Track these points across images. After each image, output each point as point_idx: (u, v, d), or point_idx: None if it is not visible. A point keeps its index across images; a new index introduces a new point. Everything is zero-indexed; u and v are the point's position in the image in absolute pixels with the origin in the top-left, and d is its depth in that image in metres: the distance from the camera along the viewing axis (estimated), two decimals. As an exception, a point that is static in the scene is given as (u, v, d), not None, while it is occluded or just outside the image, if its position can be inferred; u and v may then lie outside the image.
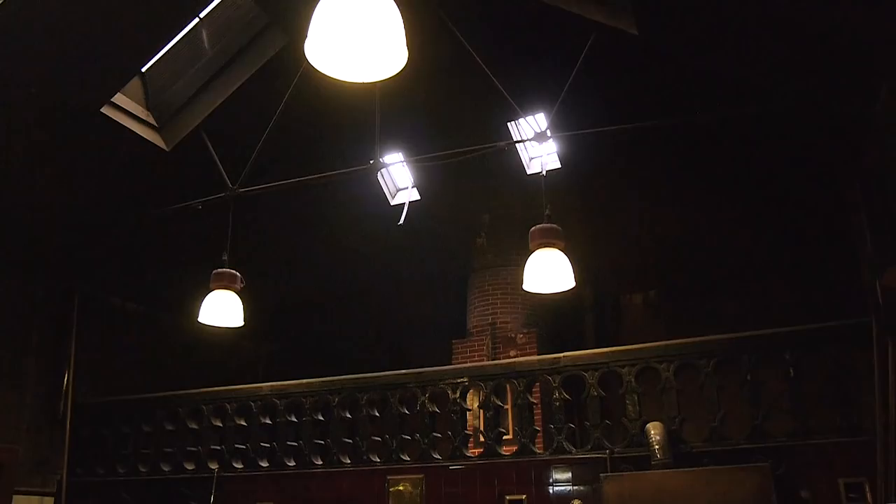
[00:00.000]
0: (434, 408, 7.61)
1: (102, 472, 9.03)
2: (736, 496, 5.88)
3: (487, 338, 10.16)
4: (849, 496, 5.90)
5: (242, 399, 8.54)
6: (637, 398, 6.83)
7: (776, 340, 6.57)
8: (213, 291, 6.19)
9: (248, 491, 8.10)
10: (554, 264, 5.10)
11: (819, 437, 6.17)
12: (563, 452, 6.92)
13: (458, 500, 7.15)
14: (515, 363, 7.73)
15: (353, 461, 7.78)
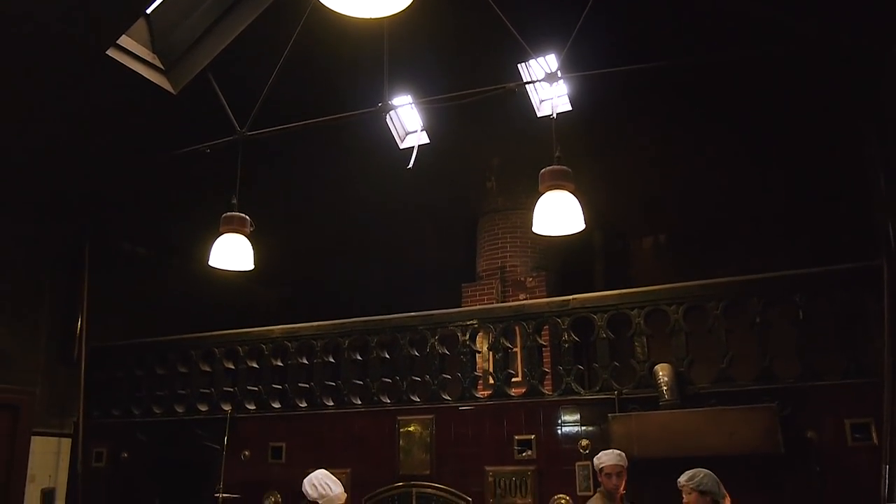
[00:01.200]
0: (444, 350, 7.67)
1: (118, 414, 9.19)
2: (742, 436, 5.94)
3: (497, 281, 10.18)
4: (854, 436, 5.95)
5: (254, 342, 8.63)
6: (646, 340, 6.86)
7: (786, 283, 6.56)
8: (223, 235, 6.19)
9: (260, 431, 8.23)
10: (564, 206, 5.07)
11: (826, 379, 6.20)
12: (572, 393, 6.98)
13: (468, 440, 7.25)
14: (525, 305, 7.76)
15: (364, 402, 7.88)
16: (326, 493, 4.39)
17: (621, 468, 5.46)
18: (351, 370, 8.07)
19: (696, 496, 4.43)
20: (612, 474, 5.44)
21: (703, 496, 4.44)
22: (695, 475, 4.53)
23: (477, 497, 7.04)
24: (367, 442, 7.66)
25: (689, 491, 4.51)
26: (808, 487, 5.97)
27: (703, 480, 4.47)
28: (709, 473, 4.53)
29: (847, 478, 5.90)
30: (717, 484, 4.48)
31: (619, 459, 5.47)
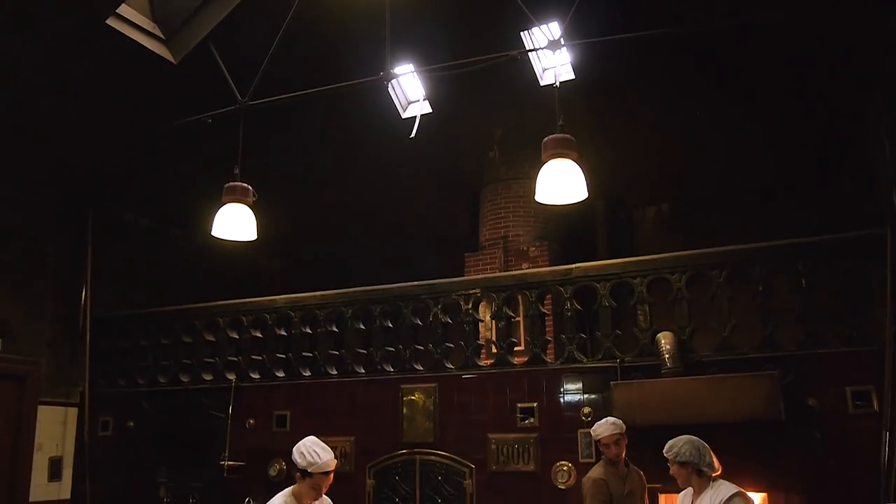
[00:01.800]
0: (447, 319, 7.70)
1: (123, 384, 9.26)
2: (744, 403, 5.97)
3: (500, 251, 10.19)
4: (855, 403, 5.98)
5: (258, 311, 8.67)
6: (648, 308, 6.87)
7: (789, 251, 6.55)
8: (226, 205, 6.18)
9: (265, 400, 8.29)
10: (567, 175, 5.04)
11: (828, 346, 6.21)
12: (574, 362, 7.02)
13: (471, 408, 7.30)
14: (527, 274, 7.77)
15: (368, 371, 7.93)
16: (315, 461, 4.34)
17: (618, 436, 5.48)
18: (354, 339, 8.11)
19: (677, 467, 4.33)
20: (609, 444, 5.48)
21: (683, 467, 4.31)
22: (673, 445, 4.42)
23: (480, 464, 7.11)
24: (370, 410, 7.71)
25: (671, 462, 4.41)
26: (809, 454, 6.01)
27: (682, 451, 4.33)
28: (689, 442, 4.39)
29: (848, 445, 5.93)
30: (698, 453, 4.32)
31: (613, 428, 5.48)
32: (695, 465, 4.22)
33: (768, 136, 9.65)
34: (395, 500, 7.38)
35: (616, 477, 5.50)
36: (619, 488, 5.46)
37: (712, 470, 4.24)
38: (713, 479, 4.25)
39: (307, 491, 4.44)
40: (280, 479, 7.64)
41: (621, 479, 5.48)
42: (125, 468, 8.96)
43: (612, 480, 5.50)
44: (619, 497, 5.44)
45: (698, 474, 4.22)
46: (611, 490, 5.48)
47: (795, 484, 6.03)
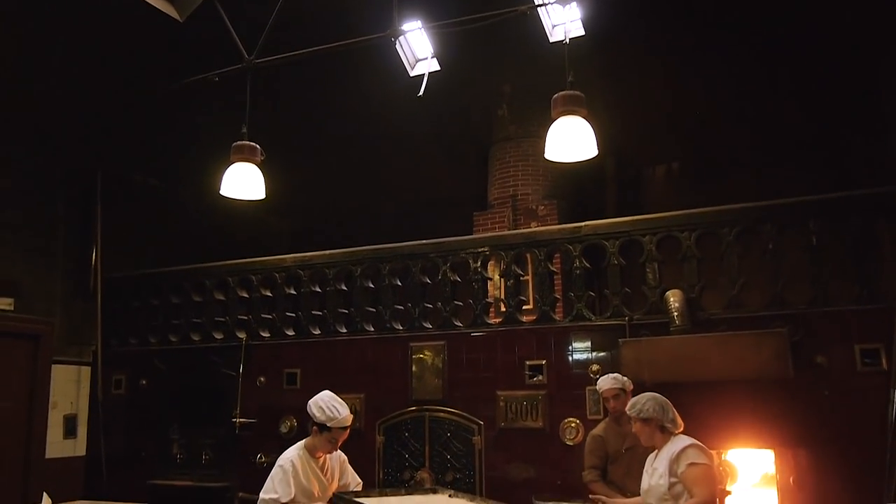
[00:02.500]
0: (455, 277, 7.71)
1: (135, 343, 9.34)
2: (752, 360, 5.98)
3: (508, 210, 10.16)
4: (864, 361, 5.98)
5: (267, 271, 8.70)
6: (657, 266, 6.86)
7: (800, 209, 6.51)
8: (234, 164, 6.17)
9: (275, 358, 8.35)
10: (576, 132, 5.00)
11: (838, 304, 6.20)
12: (583, 320, 7.03)
13: (480, 365, 7.34)
14: (536, 232, 7.75)
15: (377, 329, 7.96)
16: (334, 416, 4.41)
17: (618, 391, 5.56)
18: (363, 298, 8.14)
19: (640, 424, 4.31)
20: (609, 398, 5.60)
21: (647, 423, 4.28)
22: (636, 402, 4.39)
23: (488, 421, 7.16)
24: (380, 368, 7.77)
25: (634, 419, 4.39)
26: (816, 412, 6.04)
27: (645, 407, 4.31)
28: (653, 399, 4.37)
29: (856, 402, 5.95)
30: (661, 409, 4.29)
31: (613, 383, 5.61)
32: (658, 422, 4.23)
33: (780, 93, 9.54)
34: (405, 456, 7.45)
35: (616, 433, 5.57)
36: (618, 444, 5.53)
37: (675, 427, 4.25)
38: (674, 436, 4.27)
39: (322, 444, 4.51)
40: (291, 436, 7.72)
41: (621, 436, 5.53)
42: (138, 425, 9.08)
43: (610, 436, 5.60)
44: (617, 453, 5.52)
45: (661, 430, 4.23)
46: (608, 446, 5.58)
47: (803, 441, 6.06)
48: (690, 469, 3.98)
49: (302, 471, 4.49)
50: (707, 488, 3.96)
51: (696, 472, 3.97)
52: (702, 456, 4.06)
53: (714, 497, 3.99)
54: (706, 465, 4.02)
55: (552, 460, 6.77)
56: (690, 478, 3.96)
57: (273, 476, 4.51)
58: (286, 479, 4.44)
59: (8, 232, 8.51)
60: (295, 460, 4.51)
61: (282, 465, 4.51)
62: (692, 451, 4.05)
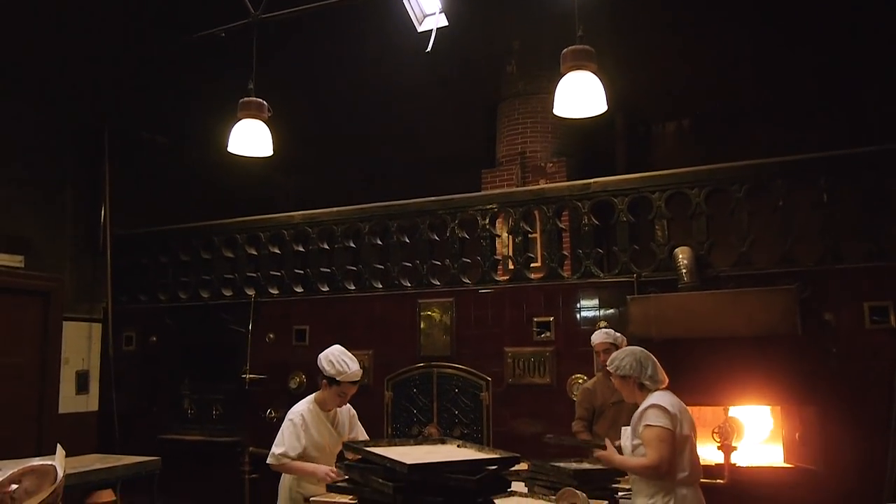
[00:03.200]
0: (463, 234, 7.70)
1: (145, 300, 9.40)
2: (760, 317, 5.98)
3: (517, 167, 10.10)
4: (872, 319, 5.98)
5: (275, 228, 8.71)
6: (666, 223, 6.84)
7: (811, 165, 6.46)
8: (241, 120, 6.13)
9: (284, 315, 8.40)
10: (586, 87, 4.94)
11: (847, 262, 6.19)
12: (591, 277, 7.03)
13: (487, 322, 7.37)
14: (545, 189, 7.72)
15: (385, 286, 7.98)
16: (344, 370, 4.43)
17: (609, 345, 5.58)
18: (371, 255, 8.15)
19: (619, 380, 4.11)
20: (600, 352, 5.66)
21: (625, 380, 4.05)
22: (615, 358, 4.17)
23: (496, 377, 7.21)
24: (388, 324, 7.80)
25: (614, 376, 4.20)
26: (823, 369, 6.05)
27: (622, 364, 4.08)
28: (631, 354, 4.14)
29: (863, 359, 5.97)
30: (640, 365, 4.04)
31: (605, 337, 5.66)
32: (635, 379, 4.01)
33: (792, 49, 9.40)
34: (413, 411, 7.52)
35: (606, 387, 5.58)
36: (607, 397, 5.60)
37: (654, 383, 4.01)
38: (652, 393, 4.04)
39: (332, 398, 4.54)
40: (300, 392, 7.78)
41: (610, 389, 5.50)
42: (149, 381, 9.18)
43: (599, 390, 5.69)
44: (605, 406, 5.61)
45: (640, 388, 4.02)
46: (596, 399, 5.68)
47: (809, 397, 6.09)
48: (646, 430, 3.82)
49: (312, 424, 4.53)
50: (657, 451, 3.76)
51: (650, 434, 3.80)
52: (661, 417, 3.82)
53: (663, 462, 3.74)
54: (661, 428, 3.79)
55: (559, 416, 6.80)
56: (646, 439, 3.81)
57: (283, 430, 4.55)
58: (295, 433, 4.49)
59: (16, 189, 8.52)
60: (305, 413, 4.56)
61: (291, 419, 4.55)
62: (651, 412, 3.85)
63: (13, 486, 3.45)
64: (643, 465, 3.80)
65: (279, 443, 4.51)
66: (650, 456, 3.76)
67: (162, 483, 6.84)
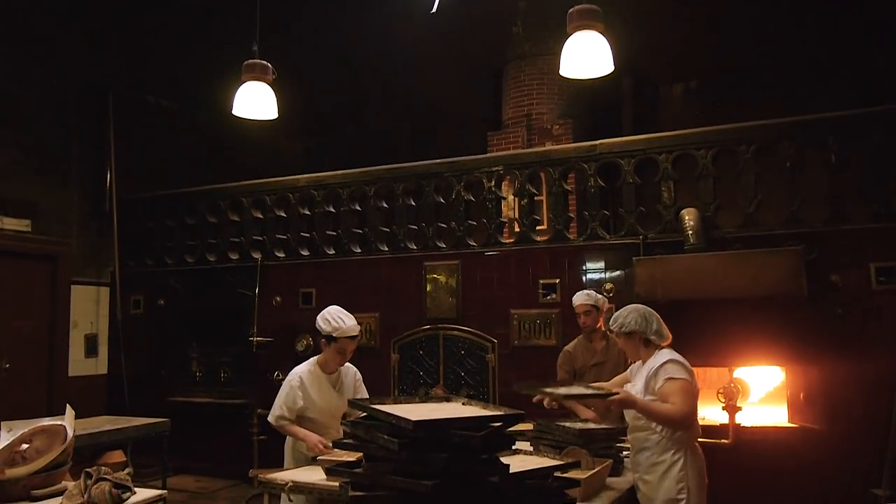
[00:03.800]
0: (469, 196, 7.68)
1: (152, 264, 9.44)
2: (766, 278, 5.97)
3: (523, 129, 10.06)
4: (879, 280, 5.97)
5: (281, 191, 8.70)
6: (672, 185, 6.81)
7: (820, 126, 6.42)
8: (245, 83, 6.10)
9: (290, 278, 8.43)
10: (592, 47, 4.89)
11: (854, 223, 6.16)
12: (597, 238, 7.03)
13: (493, 284, 7.38)
14: (551, 151, 7.68)
15: (391, 249, 7.99)
16: (339, 326, 4.47)
17: (589, 307, 5.53)
18: (377, 217, 8.15)
19: (624, 339, 3.99)
20: (580, 314, 5.58)
21: (630, 337, 3.93)
22: (618, 316, 4.03)
23: (502, 339, 7.24)
24: (394, 287, 7.82)
25: (618, 335, 4.07)
26: (829, 330, 6.06)
27: (627, 321, 3.94)
28: (635, 311, 4.01)
29: (869, 320, 5.97)
30: (644, 321, 3.93)
31: (586, 299, 5.56)
32: (640, 335, 3.89)
33: (800, 8, 9.28)
34: (420, 373, 7.57)
35: (586, 349, 5.59)
36: (586, 359, 5.56)
37: (660, 339, 3.91)
38: (658, 349, 3.92)
39: (332, 357, 4.58)
40: (307, 354, 7.78)
41: (590, 352, 5.56)
42: (158, 344, 9.25)
43: (579, 352, 5.63)
44: (584, 368, 5.54)
45: (646, 344, 3.91)
46: (576, 361, 5.60)
47: (814, 358, 6.10)
48: (668, 383, 3.68)
49: (311, 386, 4.56)
50: (686, 403, 3.66)
51: (674, 386, 3.67)
52: (681, 371, 3.74)
53: (693, 413, 3.69)
54: (685, 381, 3.69)
55: (565, 377, 6.84)
56: (668, 391, 3.67)
57: (280, 391, 4.60)
58: (292, 395, 4.53)
59: (22, 153, 8.52)
60: (304, 375, 4.59)
61: (289, 381, 4.59)
62: (671, 366, 3.74)
63: (24, 446, 3.51)
64: (673, 413, 3.63)
65: (276, 404, 4.57)
66: (680, 405, 3.62)
67: (171, 444, 6.92)
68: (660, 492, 3.65)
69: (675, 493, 3.62)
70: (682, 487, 3.62)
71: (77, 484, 3.32)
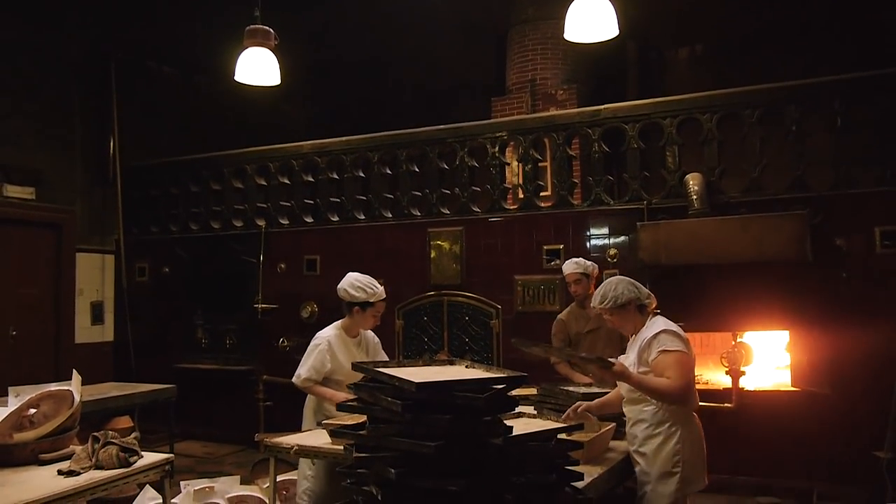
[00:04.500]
0: (473, 162, 7.66)
1: (156, 231, 9.45)
2: (771, 243, 5.96)
3: (527, 95, 9.99)
4: (884, 244, 5.96)
5: (285, 158, 8.68)
6: (677, 150, 6.78)
7: (826, 89, 6.36)
8: (247, 49, 6.06)
9: (294, 245, 8.44)
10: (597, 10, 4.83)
11: (859, 187, 6.14)
12: (601, 204, 7.01)
13: (497, 250, 7.38)
14: (555, 116, 7.64)
15: (395, 215, 7.99)
16: (375, 291, 4.54)
17: (579, 276, 5.49)
18: (381, 184, 8.13)
19: (618, 313, 3.75)
20: (571, 282, 5.56)
21: (625, 308, 3.71)
22: (606, 291, 3.76)
23: (506, 304, 7.26)
24: (398, 253, 7.83)
25: (611, 311, 3.77)
26: (833, 294, 6.06)
27: (619, 293, 3.72)
28: (621, 281, 3.81)
29: (873, 284, 5.98)
30: (634, 287, 3.76)
31: (576, 267, 5.52)
32: (636, 301, 3.71)
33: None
34: (424, 339, 7.60)
35: (579, 316, 5.58)
36: (580, 327, 5.54)
37: (651, 300, 3.75)
38: (651, 316, 3.76)
39: (366, 321, 4.64)
40: (312, 321, 7.87)
41: (584, 319, 5.53)
42: (163, 312, 9.29)
43: (572, 320, 5.62)
44: (578, 335, 5.53)
45: (640, 310, 3.74)
46: (570, 329, 5.59)
47: (819, 322, 6.11)
48: (663, 356, 3.52)
49: (339, 350, 4.62)
50: (683, 376, 3.49)
51: (669, 359, 3.51)
52: (676, 341, 3.56)
53: (690, 386, 3.53)
54: (681, 352, 3.53)
55: (569, 343, 6.87)
56: (662, 364, 3.51)
57: (308, 353, 4.63)
58: (321, 358, 4.57)
59: (24, 121, 8.49)
60: (332, 339, 4.63)
61: (318, 344, 4.62)
62: (665, 337, 3.56)
63: (31, 411, 3.54)
64: (669, 388, 3.49)
65: (304, 365, 4.60)
66: (676, 378, 3.47)
67: (177, 411, 6.98)
68: (655, 465, 3.58)
69: (671, 465, 3.55)
70: (678, 460, 3.54)
71: (85, 448, 3.35)
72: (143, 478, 3.44)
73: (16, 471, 3.22)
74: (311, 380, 4.56)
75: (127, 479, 3.35)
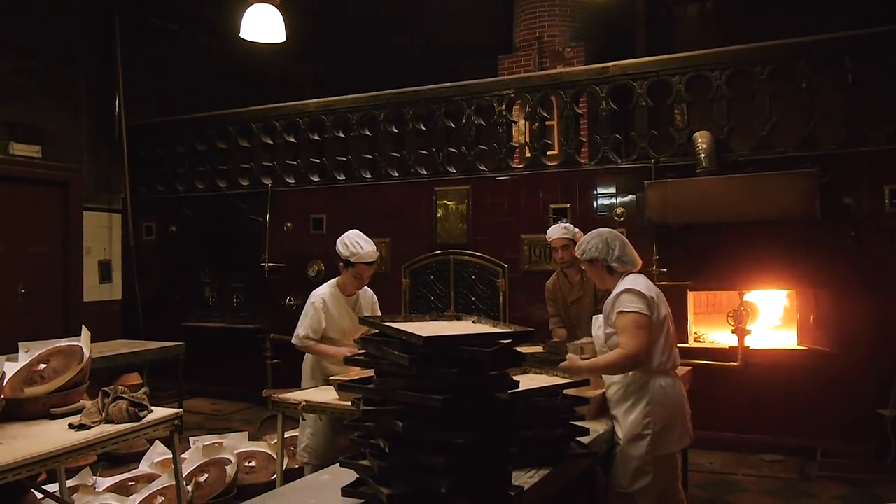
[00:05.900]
0: (480, 121, 7.61)
1: (163, 190, 9.45)
2: (779, 201, 5.93)
3: (534, 52, 9.88)
4: (893, 202, 5.93)
5: (290, 116, 8.64)
6: (685, 107, 6.72)
7: (837, 45, 6.28)
8: (252, 5, 6.01)
9: (301, 204, 8.43)
10: (605, -37, 4.79)
11: (869, 145, 6.09)
12: (608, 163, 6.97)
13: (504, 209, 7.36)
14: (562, 73, 7.56)
15: (401, 174, 7.96)
16: (357, 251, 4.53)
17: (566, 241, 5.26)
18: (387, 142, 8.09)
19: (588, 265, 3.75)
20: (557, 248, 5.36)
21: (593, 264, 3.68)
22: (581, 243, 3.78)
23: (512, 264, 7.27)
24: (405, 212, 7.82)
25: (582, 262, 3.82)
26: (841, 253, 6.05)
27: (588, 247, 3.69)
28: (597, 236, 3.73)
29: (882, 242, 5.97)
30: (606, 247, 3.66)
31: (563, 232, 5.31)
32: (602, 262, 3.65)
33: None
34: (430, 298, 7.62)
35: (565, 284, 5.44)
36: (566, 295, 5.41)
37: (624, 265, 3.63)
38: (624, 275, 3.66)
39: (349, 280, 4.65)
40: (319, 280, 7.87)
41: (568, 286, 5.41)
42: (171, 270, 9.34)
43: (558, 288, 5.49)
44: (565, 303, 5.41)
45: (608, 271, 3.66)
46: (558, 297, 5.47)
47: (826, 281, 6.11)
48: (619, 318, 3.47)
49: (333, 307, 4.65)
50: (634, 339, 3.40)
51: (623, 321, 3.45)
52: (635, 302, 3.46)
53: (642, 348, 3.39)
54: (637, 314, 3.43)
55: (575, 301, 6.88)
56: (619, 327, 3.46)
57: (304, 312, 4.68)
58: (316, 316, 4.61)
59: (31, 79, 8.45)
60: (326, 297, 4.66)
61: (313, 302, 4.67)
62: (624, 297, 3.49)
63: (42, 366, 3.57)
64: (619, 357, 3.42)
65: (301, 324, 4.63)
66: (626, 345, 3.41)
67: (186, 369, 7.03)
68: (625, 428, 3.49)
69: (641, 428, 3.45)
70: (648, 422, 3.44)
71: (95, 402, 3.38)
72: (152, 432, 3.48)
73: (27, 424, 3.27)
74: (310, 338, 4.61)
75: (137, 434, 3.39)
